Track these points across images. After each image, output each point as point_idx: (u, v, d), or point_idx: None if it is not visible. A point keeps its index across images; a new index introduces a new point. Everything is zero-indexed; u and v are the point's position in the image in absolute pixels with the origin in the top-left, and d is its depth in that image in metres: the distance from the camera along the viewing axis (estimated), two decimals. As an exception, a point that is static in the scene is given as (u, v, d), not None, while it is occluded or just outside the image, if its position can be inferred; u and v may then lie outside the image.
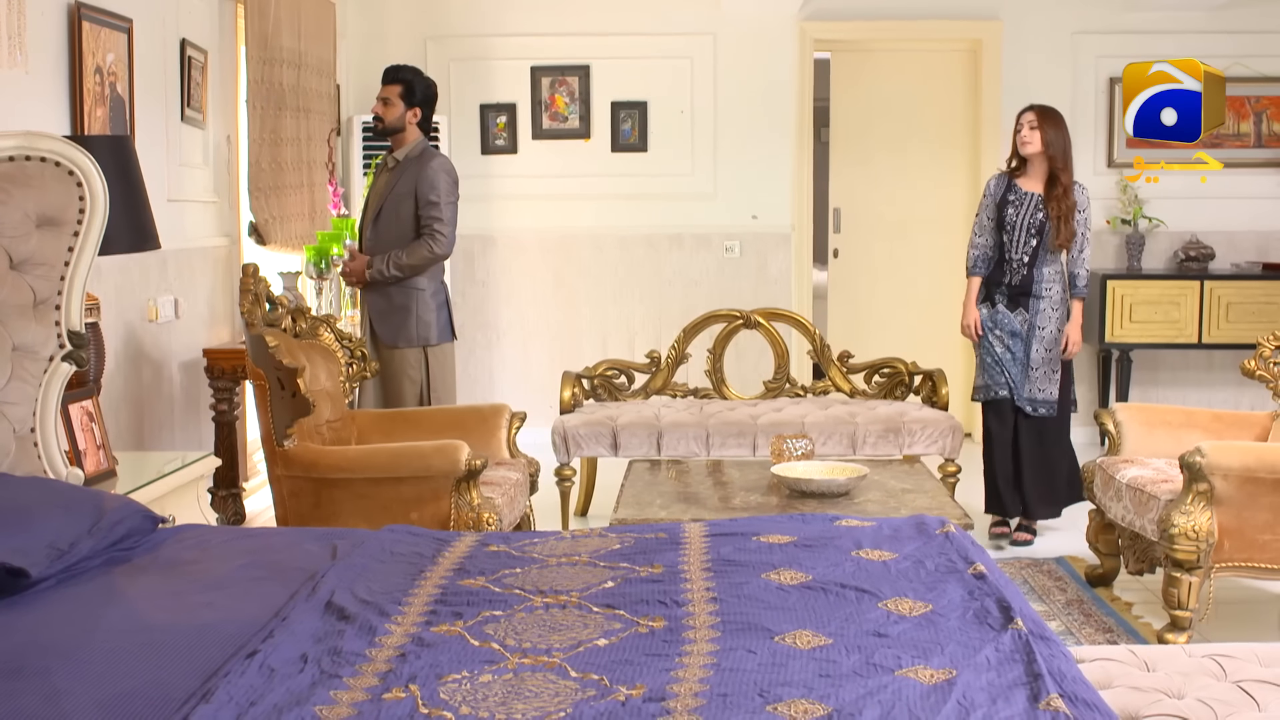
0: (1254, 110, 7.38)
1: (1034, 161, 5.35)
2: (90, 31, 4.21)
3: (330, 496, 4.04)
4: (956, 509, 4.29)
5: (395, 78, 5.26)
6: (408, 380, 5.20)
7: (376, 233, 5.24)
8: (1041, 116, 5.33)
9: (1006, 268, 5.36)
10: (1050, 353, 5.33)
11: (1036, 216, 5.28)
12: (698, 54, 7.43)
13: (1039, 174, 5.35)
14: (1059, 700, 2.00)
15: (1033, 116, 5.34)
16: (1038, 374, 5.32)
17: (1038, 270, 5.30)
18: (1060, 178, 5.27)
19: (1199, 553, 3.99)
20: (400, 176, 5.20)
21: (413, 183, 5.16)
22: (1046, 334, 5.31)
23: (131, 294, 4.63)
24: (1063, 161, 5.29)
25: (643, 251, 7.54)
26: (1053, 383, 5.34)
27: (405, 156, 5.24)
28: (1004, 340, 5.34)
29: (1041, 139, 5.29)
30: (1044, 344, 5.31)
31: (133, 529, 2.96)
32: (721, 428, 5.43)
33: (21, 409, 3.18)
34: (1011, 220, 5.32)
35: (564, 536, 3.12)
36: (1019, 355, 5.32)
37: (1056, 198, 5.25)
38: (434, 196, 5.13)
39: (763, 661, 2.20)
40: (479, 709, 2.01)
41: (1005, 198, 5.37)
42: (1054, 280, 5.30)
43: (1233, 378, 7.32)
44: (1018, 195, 5.35)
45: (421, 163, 5.20)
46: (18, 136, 3.20)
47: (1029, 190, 5.34)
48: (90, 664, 2.16)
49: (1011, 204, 5.34)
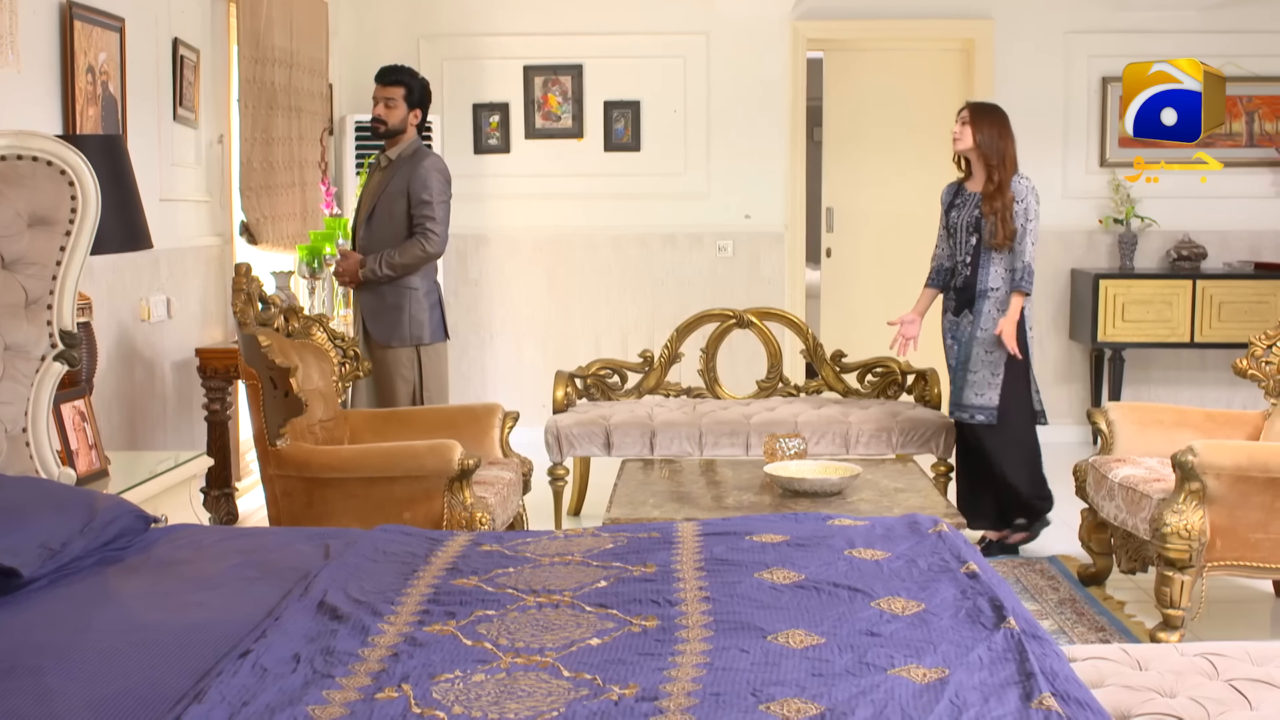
0: (1246, 110, 7.40)
1: (974, 161, 5.20)
2: (82, 30, 4.20)
3: (323, 496, 4.04)
4: (949, 508, 4.29)
5: (396, 79, 5.24)
6: (400, 380, 5.20)
7: (370, 232, 5.24)
8: (975, 113, 5.18)
9: (954, 272, 5.25)
10: (990, 355, 5.08)
11: (974, 214, 5.15)
12: (690, 53, 7.43)
13: (979, 172, 5.20)
14: (1051, 699, 2.00)
15: (965, 113, 5.21)
16: (976, 377, 5.10)
17: (982, 271, 5.12)
18: (994, 174, 5.12)
19: (1191, 552, 4.00)
20: (393, 176, 5.20)
21: (405, 182, 5.16)
22: (986, 335, 5.08)
23: (124, 293, 4.62)
24: (997, 158, 5.11)
25: (636, 251, 7.54)
26: (993, 388, 5.08)
27: (398, 156, 5.24)
28: (953, 348, 5.23)
29: (973, 136, 5.14)
30: (983, 345, 5.08)
31: (125, 529, 2.96)
32: (714, 427, 5.43)
33: (13, 408, 3.17)
34: (954, 222, 5.23)
35: (557, 536, 3.11)
36: (961, 360, 5.17)
37: (989, 194, 5.11)
38: (426, 195, 5.13)
39: (755, 661, 2.20)
40: (472, 709, 2.01)
41: (953, 202, 5.30)
42: (1000, 281, 5.12)
43: (1225, 377, 7.33)
44: (963, 198, 5.25)
45: (414, 162, 5.19)
46: (9, 136, 3.19)
47: (972, 190, 5.23)
48: (82, 664, 2.16)
49: (956, 206, 5.25)
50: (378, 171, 5.30)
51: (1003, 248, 5.09)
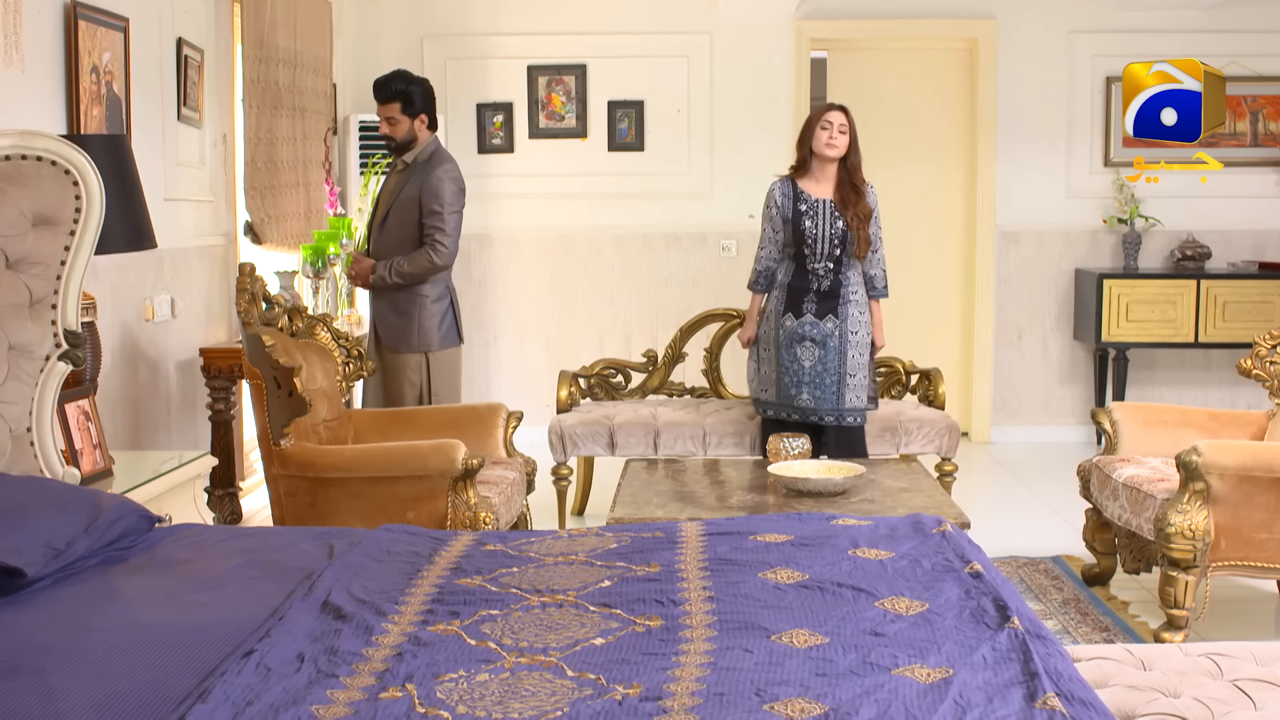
0: (1250, 109, 7.39)
1: (823, 164, 5.08)
2: (86, 30, 4.21)
3: (327, 496, 4.04)
4: (953, 508, 4.29)
5: (390, 95, 5.14)
6: (407, 384, 5.19)
7: (382, 236, 5.22)
8: (849, 119, 5.06)
9: (811, 277, 5.06)
10: (863, 357, 5.09)
11: (837, 225, 5.01)
12: (694, 53, 7.44)
13: (827, 177, 5.08)
14: (1055, 699, 2.00)
15: (844, 120, 5.05)
16: (855, 380, 5.07)
17: (843, 275, 5.07)
18: (859, 186, 5.06)
19: (1195, 551, 4.00)
20: (408, 180, 5.16)
21: (418, 188, 5.12)
22: (859, 338, 5.08)
23: (128, 293, 4.63)
24: (858, 164, 5.08)
25: (639, 250, 7.54)
26: (866, 389, 5.11)
27: (414, 159, 5.21)
28: (814, 352, 5.05)
29: (849, 144, 5.04)
30: (859, 349, 5.07)
31: (129, 528, 2.96)
32: (718, 427, 5.43)
33: (18, 408, 3.18)
34: (811, 233, 5.03)
35: (561, 536, 3.11)
36: (832, 365, 5.04)
37: (854, 206, 5.02)
38: (437, 206, 5.09)
39: (759, 660, 2.20)
40: (476, 708, 2.01)
41: (796, 207, 5.07)
42: (859, 283, 5.11)
43: (1229, 377, 7.33)
44: (810, 204, 5.06)
45: (429, 168, 5.14)
46: (14, 135, 3.20)
47: (818, 196, 5.07)
48: (86, 663, 2.16)
49: (807, 215, 5.04)
50: (394, 174, 5.27)
51: (863, 256, 5.10)
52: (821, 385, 5.08)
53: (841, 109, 5.11)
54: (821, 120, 5.08)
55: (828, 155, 5.06)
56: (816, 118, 5.11)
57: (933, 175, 7.71)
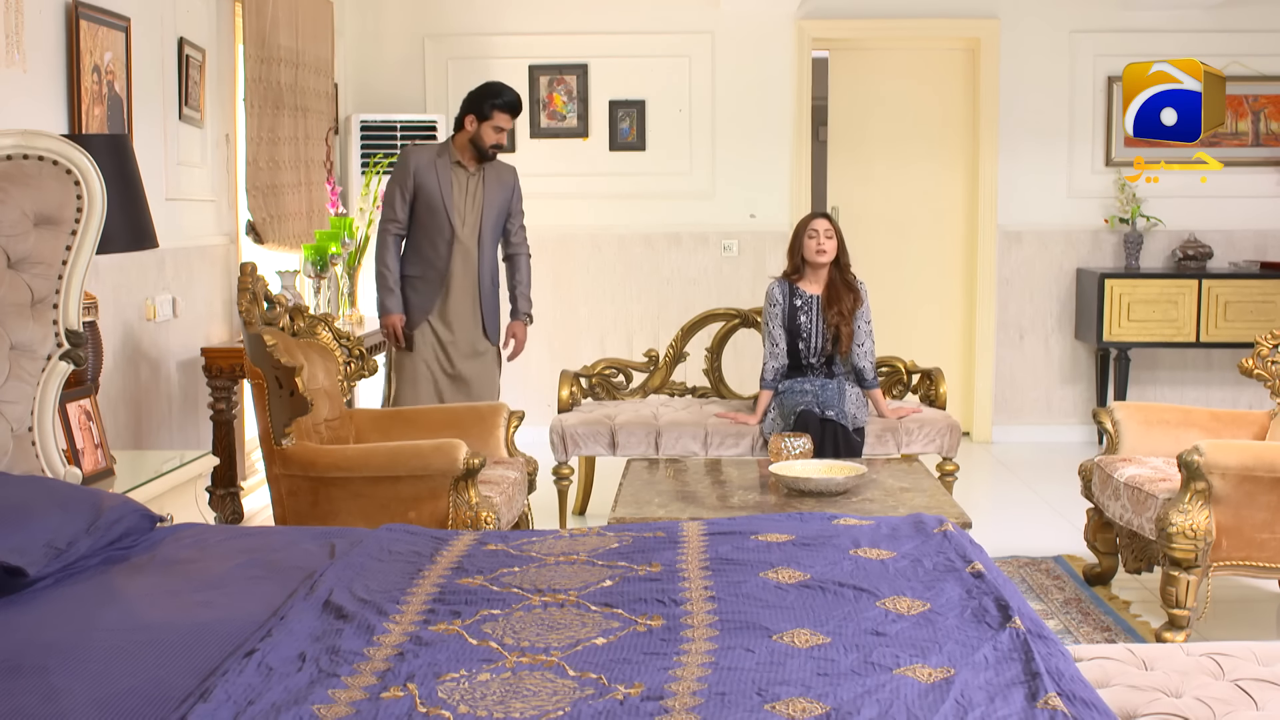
0: (1252, 109, 7.39)
1: (816, 269, 5.36)
2: (88, 30, 4.21)
3: (328, 495, 4.04)
4: (955, 508, 4.29)
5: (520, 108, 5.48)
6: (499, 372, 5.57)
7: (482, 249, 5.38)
8: (834, 224, 5.36)
9: (806, 369, 5.37)
10: (862, 406, 5.29)
11: (833, 323, 5.31)
12: (696, 52, 7.44)
13: (819, 280, 5.37)
14: (1057, 699, 2.00)
15: (828, 225, 5.33)
16: (857, 397, 5.31)
17: (835, 368, 5.38)
18: (852, 284, 5.35)
19: (1197, 551, 4.00)
20: (485, 185, 5.38)
21: (504, 193, 5.43)
22: (857, 393, 5.31)
23: (129, 293, 4.63)
24: (849, 267, 5.38)
25: (641, 250, 7.54)
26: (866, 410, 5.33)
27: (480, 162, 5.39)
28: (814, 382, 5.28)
29: (836, 246, 5.33)
30: (857, 402, 5.26)
31: (130, 528, 2.96)
32: (720, 426, 5.43)
33: (19, 408, 3.18)
34: (806, 329, 5.34)
35: (562, 535, 3.11)
36: (834, 389, 5.21)
37: (839, 303, 5.30)
38: (521, 209, 5.55)
39: (761, 660, 2.20)
40: (477, 708, 2.01)
41: (793, 304, 5.36)
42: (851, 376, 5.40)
43: (1231, 376, 7.33)
44: (805, 301, 5.36)
45: (500, 170, 5.45)
46: (15, 135, 3.20)
47: (812, 293, 5.37)
48: (88, 663, 2.16)
49: (802, 310, 5.34)
50: (464, 177, 5.35)
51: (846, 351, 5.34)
52: (822, 392, 5.19)
53: (825, 216, 5.40)
54: (808, 229, 5.36)
55: (818, 262, 5.33)
56: (803, 227, 5.40)
57: (934, 175, 7.71)
